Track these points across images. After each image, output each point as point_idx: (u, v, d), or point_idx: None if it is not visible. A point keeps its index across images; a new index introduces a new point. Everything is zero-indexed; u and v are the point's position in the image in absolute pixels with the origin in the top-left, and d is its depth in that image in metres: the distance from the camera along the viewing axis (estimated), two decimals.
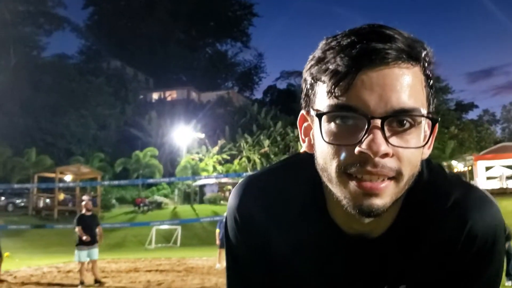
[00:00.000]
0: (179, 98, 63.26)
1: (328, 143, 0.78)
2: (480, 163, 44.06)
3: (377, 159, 0.74)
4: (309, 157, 0.86)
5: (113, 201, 37.87)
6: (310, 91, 0.82)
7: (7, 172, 34.89)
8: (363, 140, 0.74)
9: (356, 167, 0.76)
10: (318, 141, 0.81)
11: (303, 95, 0.85)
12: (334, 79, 0.75)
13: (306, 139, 0.89)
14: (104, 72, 56.52)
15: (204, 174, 38.87)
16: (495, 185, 37.76)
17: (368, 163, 0.75)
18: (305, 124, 0.88)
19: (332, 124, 0.77)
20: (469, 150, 50.55)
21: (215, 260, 14.33)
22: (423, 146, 0.79)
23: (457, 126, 52.91)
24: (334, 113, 0.76)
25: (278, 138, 43.87)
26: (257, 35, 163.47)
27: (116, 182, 25.82)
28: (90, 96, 45.49)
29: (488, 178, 40.82)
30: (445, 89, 58.91)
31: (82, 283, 10.03)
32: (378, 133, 0.74)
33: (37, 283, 10.90)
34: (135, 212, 35.55)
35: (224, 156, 42.70)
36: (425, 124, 0.79)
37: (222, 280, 8.62)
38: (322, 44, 0.80)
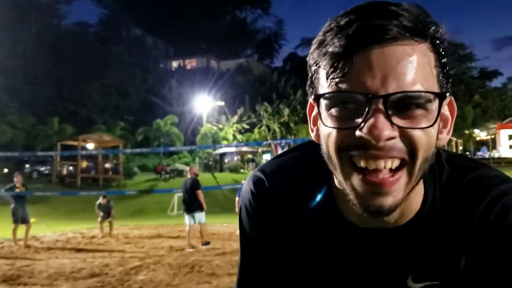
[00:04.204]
0: (199, 66, 63.17)
1: (328, 126, 0.73)
2: (504, 132, 43.38)
3: (381, 143, 0.68)
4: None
5: (135, 169, 38.42)
6: (313, 77, 0.76)
7: (31, 140, 35.51)
8: (363, 123, 0.68)
9: (358, 151, 0.70)
10: (321, 128, 0.76)
11: (308, 82, 0.78)
12: (332, 62, 0.70)
13: (315, 129, 0.82)
14: (124, 40, 56.59)
15: (224, 142, 39.04)
16: None
17: (371, 147, 0.69)
18: (314, 113, 0.82)
19: (333, 110, 0.72)
20: (492, 119, 49.73)
21: (235, 226, 14.54)
22: (433, 125, 0.71)
23: (481, 94, 51.92)
24: (331, 94, 0.71)
25: (298, 107, 43.61)
26: (277, 1, 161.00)
27: (138, 150, 26.11)
28: (111, 64, 45.63)
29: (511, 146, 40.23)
30: (469, 57, 57.58)
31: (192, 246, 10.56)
32: (380, 115, 0.68)
33: (63, 248, 11.21)
34: (157, 179, 36.05)
35: (244, 125, 42.73)
36: (436, 106, 0.71)
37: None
38: (324, 26, 0.74)
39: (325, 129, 0.74)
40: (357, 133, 0.69)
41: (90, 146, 36.07)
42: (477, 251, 0.79)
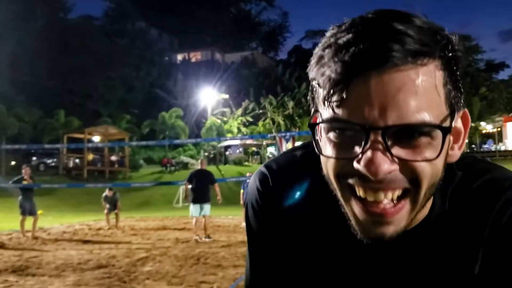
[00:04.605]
0: (204, 59, 63.10)
1: (326, 155, 0.69)
2: (510, 125, 43.14)
3: (380, 177, 0.64)
4: None
5: (141, 161, 38.57)
6: (314, 90, 0.71)
7: (38, 133, 35.68)
8: (361, 155, 0.64)
9: (356, 180, 0.66)
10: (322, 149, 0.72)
11: (309, 93, 0.73)
12: (328, 87, 0.65)
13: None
14: (129, 33, 56.55)
15: (229, 135, 39.09)
16: None
17: (370, 180, 0.64)
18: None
19: (331, 134, 0.67)
20: (498, 111, 49.45)
21: (240, 219, 14.63)
22: (437, 157, 0.65)
23: (487, 86, 51.59)
24: (328, 124, 0.67)
25: (303, 100, 43.52)
26: None
27: (143, 143, 26.22)
28: (116, 57, 45.65)
29: None
30: (475, 49, 57.21)
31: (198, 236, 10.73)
32: (379, 147, 0.63)
33: (70, 239, 11.32)
34: (162, 172, 36.20)
35: (248, 118, 42.73)
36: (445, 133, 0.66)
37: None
38: (325, 37, 0.68)
39: (323, 153, 0.70)
40: (355, 165, 0.65)
41: (96, 138, 36.25)
42: (491, 257, 0.74)
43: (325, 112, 0.66)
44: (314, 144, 0.71)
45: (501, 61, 64.26)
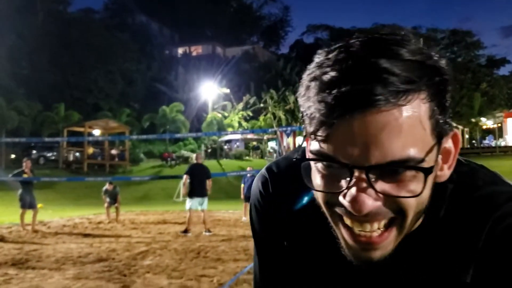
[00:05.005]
0: (204, 53, 63.00)
1: (315, 189, 0.71)
2: (510, 120, 43.09)
3: (364, 213, 0.65)
4: None
5: (141, 155, 38.57)
6: (304, 119, 0.71)
7: (38, 126, 35.67)
8: (346, 191, 0.66)
9: (343, 210, 0.69)
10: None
11: (301, 118, 0.73)
12: (313, 125, 0.66)
13: None
14: (129, 27, 56.43)
15: (229, 130, 39.08)
16: None
17: (355, 214, 0.66)
18: None
19: (319, 165, 0.69)
20: (499, 107, 49.41)
21: (240, 213, 14.63)
22: (420, 194, 0.66)
23: (488, 82, 51.54)
24: (314, 160, 0.69)
25: None
26: None
27: (144, 137, 26.21)
28: (116, 51, 45.57)
29: None
30: (476, 44, 57.14)
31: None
32: (362, 186, 0.64)
33: (70, 233, 11.31)
34: (162, 166, 36.20)
35: (249, 112, 42.70)
36: (435, 153, 0.68)
37: (248, 232, 8.83)
38: (313, 63, 0.69)
39: (313, 180, 0.72)
40: (341, 199, 0.67)
41: (96, 132, 36.23)
42: (483, 266, 0.74)
43: (313, 144, 0.68)
44: (304, 179, 0.72)
45: (502, 57, 64.24)
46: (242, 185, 14.25)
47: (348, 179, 0.65)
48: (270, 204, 0.92)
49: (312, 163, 0.71)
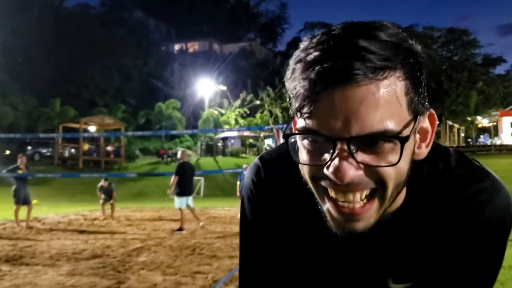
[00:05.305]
0: (201, 49, 62.92)
1: (301, 163, 0.77)
2: (506, 119, 43.32)
3: (346, 181, 0.71)
4: None
5: (137, 152, 38.48)
6: (291, 101, 0.76)
7: (33, 122, 35.52)
8: (329, 163, 0.71)
9: (328, 183, 0.74)
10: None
11: (288, 101, 0.79)
12: (298, 101, 0.72)
13: None
14: (126, 23, 56.24)
15: (226, 127, 39.04)
16: None
17: (338, 184, 0.72)
18: None
19: (305, 141, 0.75)
20: (495, 106, 49.59)
21: (236, 210, 14.60)
22: (397, 163, 0.71)
23: (484, 81, 51.68)
24: (300, 135, 0.75)
25: None
26: None
27: (139, 133, 26.08)
28: (113, 47, 45.44)
29: None
30: (473, 43, 57.20)
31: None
32: (344, 157, 0.70)
33: (64, 229, 11.26)
34: (158, 162, 36.14)
35: (246, 109, 42.66)
36: (406, 135, 0.72)
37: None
38: (298, 49, 0.74)
39: (300, 156, 0.77)
40: (325, 171, 0.72)
41: (92, 128, 36.09)
42: (454, 247, 0.83)
43: (299, 122, 0.73)
44: (291, 153, 0.78)
45: (498, 56, 64.36)
46: (238, 182, 14.25)
47: (331, 151, 0.70)
48: (263, 190, 0.96)
49: (298, 141, 0.76)
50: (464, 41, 56.62)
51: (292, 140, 0.79)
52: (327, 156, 0.72)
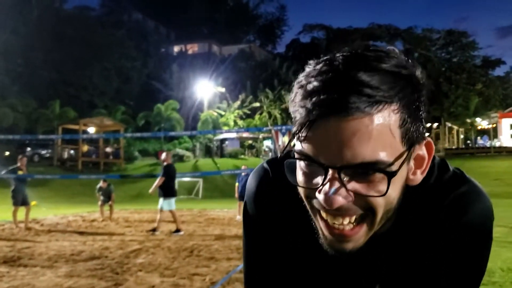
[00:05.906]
0: (200, 51, 62.90)
1: (297, 185, 0.81)
2: (505, 121, 43.33)
3: (335, 207, 0.74)
4: None
5: (136, 153, 38.45)
6: (293, 121, 0.80)
7: (32, 124, 35.49)
8: (321, 187, 0.74)
9: (320, 204, 0.77)
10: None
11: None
12: (296, 125, 0.76)
13: None
14: (125, 24, 56.21)
15: (225, 128, 39.03)
16: None
17: (328, 209, 0.76)
18: None
19: (302, 163, 0.78)
20: (494, 108, 49.58)
21: (235, 212, 14.61)
22: (385, 194, 0.74)
23: (483, 83, 51.66)
24: (297, 158, 0.78)
25: None
26: None
27: (138, 134, 26.10)
28: (112, 49, 45.39)
29: None
30: (472, 45, 57.16)
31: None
32: (334, 184, 0.73)
33: (63, 230, 11.27)
34: (157, 164, 36.10)
35: (245, 111, 42.65)
36: (397, 166, 0.74)
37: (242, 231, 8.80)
38: (303, 72, 0.78)
39: (297, 176, 0.81)
40: (317, 194, 0.76)
41: (91, 130, 36.06)
42: (437, 253, 0.84)
43: (297, 144, 0.77)
44: (287, 176, 0.81)
45: (498, 58, 64.29)
46: (237, 184, 14.23)
47: (323, 177, 0.74)
48: (268, 194, 0.99)
49: (297, 161, 0.80)
50: (463, 43, 56.61)
51: (290, 160, 0.81)
52: (319, 180, 0.75)
